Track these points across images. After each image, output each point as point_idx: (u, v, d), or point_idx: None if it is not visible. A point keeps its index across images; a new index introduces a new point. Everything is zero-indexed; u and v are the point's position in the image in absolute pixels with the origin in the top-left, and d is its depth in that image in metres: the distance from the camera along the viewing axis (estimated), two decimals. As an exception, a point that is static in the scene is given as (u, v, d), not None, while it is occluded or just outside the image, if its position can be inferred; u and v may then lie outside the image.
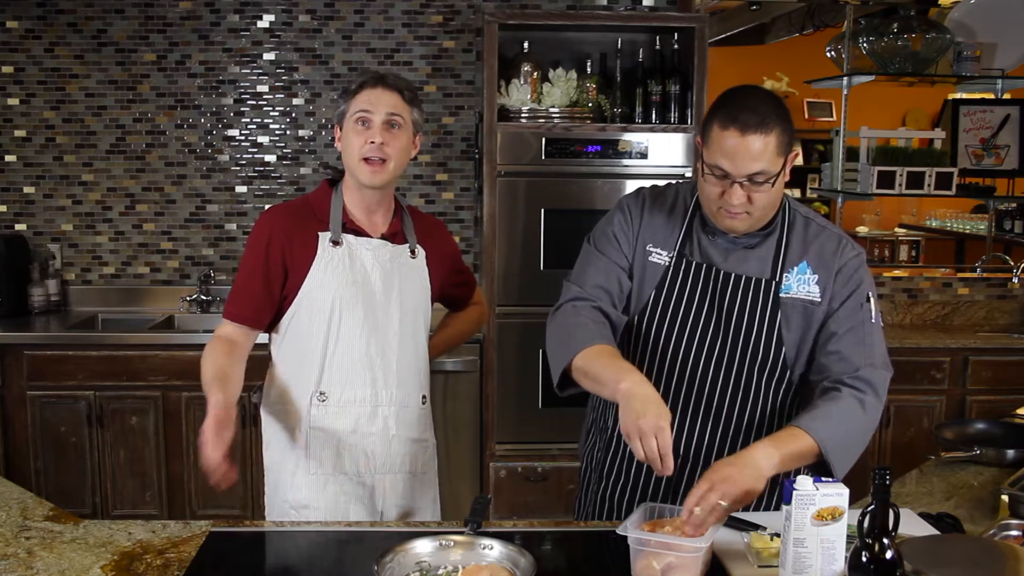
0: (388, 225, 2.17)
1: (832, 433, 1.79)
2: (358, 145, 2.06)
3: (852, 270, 1.91)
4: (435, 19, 4.17)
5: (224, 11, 4.13)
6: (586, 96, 3.82)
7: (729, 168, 1.77)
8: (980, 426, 2.54)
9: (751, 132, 1.75)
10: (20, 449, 3.72)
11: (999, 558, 1.62)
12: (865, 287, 1.91)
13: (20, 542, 1.80)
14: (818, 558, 1.53)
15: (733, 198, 1.79)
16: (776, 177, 1.79)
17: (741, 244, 1.92)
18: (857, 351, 1.87)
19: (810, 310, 1.90)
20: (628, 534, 1.64)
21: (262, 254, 2.07)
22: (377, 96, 2.06)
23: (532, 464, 3.78)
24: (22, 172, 4.20)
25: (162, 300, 4.25)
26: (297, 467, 2.12)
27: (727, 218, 1.84)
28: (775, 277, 1.91)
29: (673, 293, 1.94)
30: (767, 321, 1.91)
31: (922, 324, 4.28)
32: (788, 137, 1.80)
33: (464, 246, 4.30)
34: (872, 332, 1.90)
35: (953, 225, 6.24)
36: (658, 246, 1.96)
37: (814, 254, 1.92)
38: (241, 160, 4.23)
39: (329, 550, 1.86)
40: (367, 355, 2.09)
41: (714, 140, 1.79)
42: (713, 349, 1.93)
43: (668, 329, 1.95)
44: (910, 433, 3.85)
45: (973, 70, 4.22)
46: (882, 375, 1.88)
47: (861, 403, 1.83)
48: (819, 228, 1.95)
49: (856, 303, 1.90)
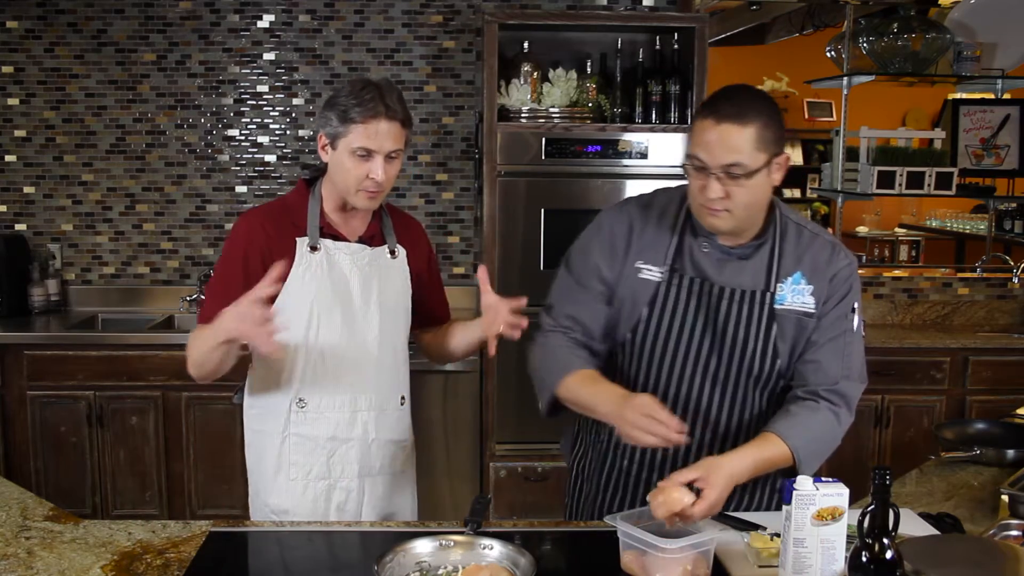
0: (366, 228, 2.13)
1: (807, 443, 1.81)
2: (357, 177, 1.99)
3: (843, 279, 1.90)
4: (435, 19, 4.17)
5: (224, 11, 4.13)
6: (586, 96, 3.82)
7: (705, 158, 1.76)
8: (980, 426, 2.54)
9: (726, 121, 1.74)
10: (20, 449, 3.72)
11: (999, 558, 1.62)
12: (852, 297, 1.90)
13: (20, 542, 1.80)
14: (818, 558, 1.53)
15: (710, 191, 1.77)
16: (756, 173, 1.76)
17: (735, 255, 1.89)
18: (836, 362, 1.87)
19: (805, 321, 1.89)
20: (616, 525, 1.65)
21: (240, 261, 2.04)
22: (381, 132, 1.96)
23: (532, 464, 3.78)
24: (22, 172, 4.20)
25: (162, 300, 4.25)
26: (277, 472, 2.11)
27: (709, 215, 1.82)
28: (769, 288, 1.89)
29: (666, 309, 1.91)
30: (762, 334, 1.89)
31: (922, 324, 4.28)
32: (772, 134, 1.77)
33: (464, 246, 4.30)
34: (852, 343, 1.89)
35: (953, 225, 6.24)
36: (649, 262, 1.92)
37: (808, 263, 1.89)
38: (241, 160, 4.23)
39: (329, 550, 1.86)
40: (345, 361, 2.08)
41: (695, 131, 1.80)
42: (708, 364, 1.91)
43: (663, 345, 1.92)
44: (910, 433, 3.85)
45: (973, 70, 4.22)
46: (857, 388, 1.90)
47: (836, 417, 1.86)
48: (812, 236, 1.92)
49: (841, 313, 1.88)
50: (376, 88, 1.98)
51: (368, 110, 1.95)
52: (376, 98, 1.96)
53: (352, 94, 1.98)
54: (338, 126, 1.98)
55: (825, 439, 1.86)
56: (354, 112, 1.96)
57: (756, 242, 1.89)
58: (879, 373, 3.81)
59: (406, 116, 2.02)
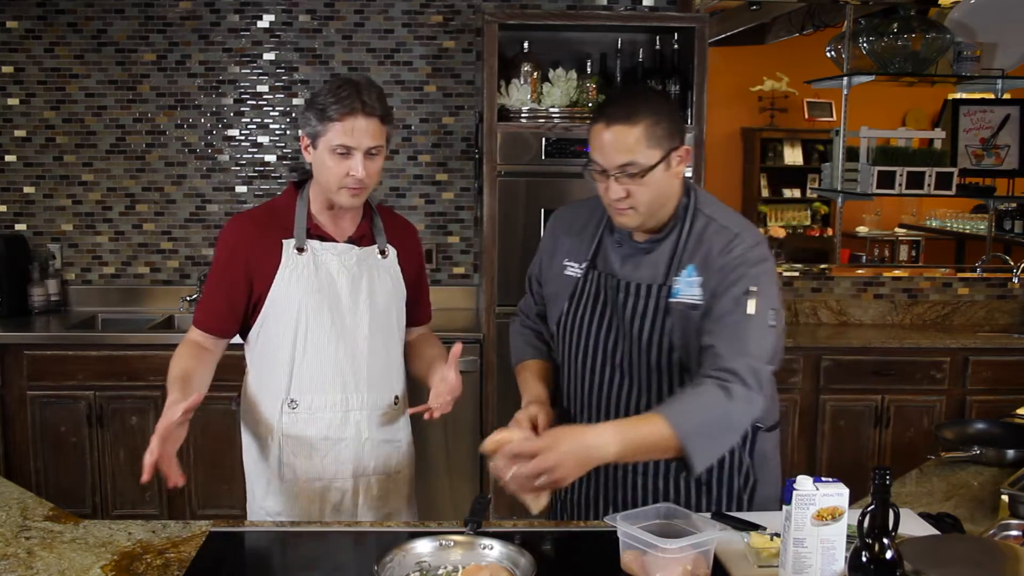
0: (356, 228, 2.13)
1: (688, 419, 1.73)
2: (337, 174, 1.99)
3: (733, 267, 1.85)
4: (435, 19, 4.17)
5: (224, 11, 4.13)
6: (586, 96, 3.82)
7: (601, 160, 1.83)
8: (980, 426, 2.53)
9: (616, 123, 1.80)
10: (20, 449, 3.72)
11: (999, 558, 1.62)
12: (745, 282, 1.84)
13: (20, 542, 1.80)
14: (818, 558, 1.53)
15: (612, 192, 1.84)
16: (651, 170, 1.81)
17: (642, 249, 1.94)
18: (728, 345, 1.80)
19: (690, 314, 1.88)
20: (616, 525, 1.66)
21: (224, 268, 2.07)
22: (359, 128, 1.96)
23: (532, 464, 3.77)
24: (22, 172, 4.20)
25: (162, 300, 4.25)
26: (272, 475, 2.12)
27: (617, 215, 1.89)
28: (666, 282, 1.90)
29: (581, 303, 2.01)
30: (658, 327, 1.91)
31: (922, 324, 4.28)
32: (663, 130, 1.81)
33: (464, 246, 4.30)
34: (747, 326, 1.82)
35: (953, 225, 6.23)
36: (573, 259, 2.03)
37: (702, 255, 1.89)
38: (241, 160, 4.23)
39: (329, 550, 1.86)
40: (336, 361, 2.08)
41: (591, 137, 1.86)
42: (616, 354, 1.97)
43: (577, 338, 2.01)
44: (910, 433, 3.85)
45: (973, 70, 4.22)
46: (756, 364, 1.80)
47: (726, 391, 1.76)
48: (718, 228, 1.90)
49: (731, 299, 1.84)
50: (353, 85, 1.98)
51: (345, 107, 1.96)
52: (353, 95, 1.96)
53: (330, 92, 1.98)
54: (317, 125, 1.98)
55: (710, 413, 1.76)
56: (332, 110, 1.96)
57: (659, 236, 1.93)
58: (879, 373, 3.83)
59: (385, 112, 2.01)
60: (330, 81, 2.05)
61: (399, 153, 4.23)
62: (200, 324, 2.11)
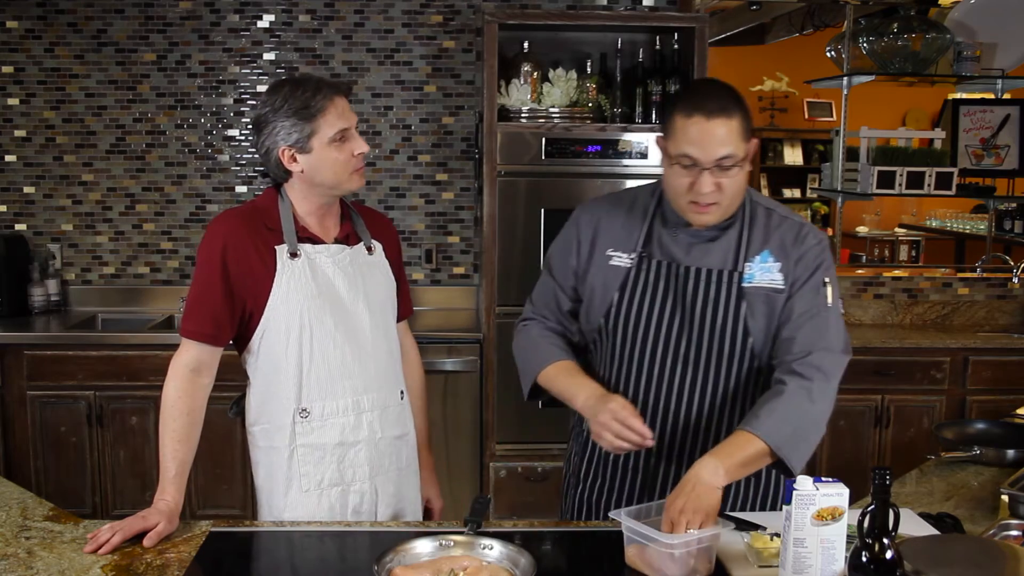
0: (340, 228, 2.12)
1: (780, 430, 1.77)
2: (344, 161, 1.99)
3: (813, 257, 1.90)
4: (435, 19, 4.17)
5: (224, 11, 4.13)
6: (586, 96, 3.82)
7: (697, 155, 1.79)
8: (980, 426, 2.54)
9: (716, 117, 1.78)
10: (20, 449, 3.72)
11: (999, 558, 1.62)
12: (822, 272, 1.90)
13: (20, 542, 1.80)
14: (818, 558, 1.53)
15: (703, 186, 1.80)
16: (743, 161, 1.82)
17: (705, 238, 1.93)
18: (811, 336, 1.85)
19: (773, 297, 1.89)
20: (620, 519, 1.66)
21: (218, 265, 1.99)
22: (344, 107, 1.99)
23: (532, 464, 3.78)
24: (22, 172, 4.20)
25: (162, 300, 4.25)
26: (289, 486, 2.06)
27: (698, 212, 1.85)
28: (737, 268, 1.91)
29: (636, 292, 1.95)
30: (731, 312, 1.90)
31: (922, 324, 4.28)
32: (748, 123, 1.84)
33: (464, 246, 4.30)
34: (828, 316, 1.88)
35: (953, 225, 6.24)
36: (619, 249, 1.98)
37: (776, 242, 1.92)
38: (241, 160, 4.23)
39: (329, 550, 1.86)
40: (343, 364, 2.06)
41: (679, 130, 1.81)
42: (679, 344, 1.93)
43: (635, 328, 1.96)
44: (910, 433, 3.85)
45: (973, 70, 4.22)
46: (835, 358, 1.86)
47: (808, 392, 1.80)
48: (781, 218, 1.95)
49: (812, 288, 1.88)
50: (307, 78, 2.01)
51: (324, 95, 1.97)
52: (318, 84, 1.99)
53: (294, 96, 1.97)
54: (303, 127, 1.97)
55: (798, 418, 1.80)
56: (314, 104, 1.96)
57: (724, 225, 1.92)
58: (879, 373, 3.83)
59: (347, 85, 2.06)
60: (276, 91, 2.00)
61: (399, 153, 4.23)
62: (194, 334, 2.01)
